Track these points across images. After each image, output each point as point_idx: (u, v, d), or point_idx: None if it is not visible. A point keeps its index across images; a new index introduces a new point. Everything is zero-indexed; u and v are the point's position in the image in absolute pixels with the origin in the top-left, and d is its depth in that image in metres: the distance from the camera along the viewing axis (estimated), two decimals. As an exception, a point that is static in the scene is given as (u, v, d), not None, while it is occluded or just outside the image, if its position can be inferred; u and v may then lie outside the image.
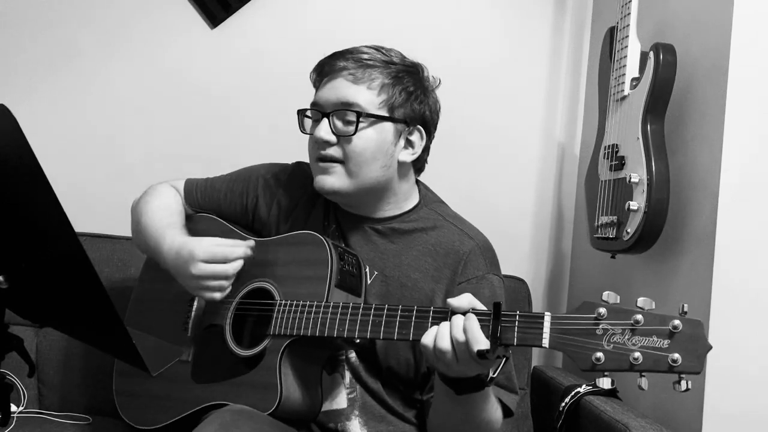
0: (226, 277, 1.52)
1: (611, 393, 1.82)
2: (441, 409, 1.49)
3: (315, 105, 1.59)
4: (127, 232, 1.80)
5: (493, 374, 1.31)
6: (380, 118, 1.54)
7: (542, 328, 1.24)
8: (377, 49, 1.58)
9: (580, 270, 2.37)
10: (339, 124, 1.54)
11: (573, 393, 1.82)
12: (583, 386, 1.83)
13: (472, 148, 2.38)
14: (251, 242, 1.56)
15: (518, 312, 1.27)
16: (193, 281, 1.53)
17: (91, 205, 2.25)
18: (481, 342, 1.25)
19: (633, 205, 1.73)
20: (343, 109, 1.53)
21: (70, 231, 1.08)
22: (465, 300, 1.32)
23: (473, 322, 1.27)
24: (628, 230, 1.76)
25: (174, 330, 1.67)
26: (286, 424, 1.47)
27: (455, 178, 2.29)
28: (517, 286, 2.11)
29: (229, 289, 1.54)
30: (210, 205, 1.76)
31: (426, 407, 1.57)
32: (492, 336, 1.25)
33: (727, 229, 1.65)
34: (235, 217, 1.73)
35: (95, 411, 1.94)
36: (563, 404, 1.82)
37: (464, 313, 1.30)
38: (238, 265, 1.53)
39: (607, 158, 1.89)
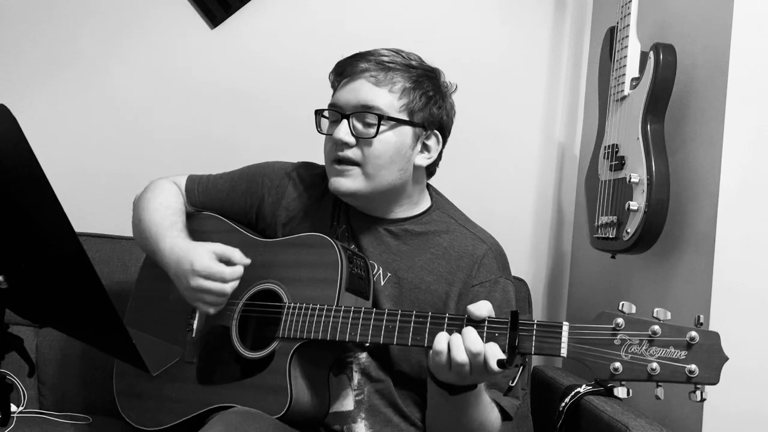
0: (222, 295, 1.53)
1: (611, 393, 1.82)
2: (435, 409, 1.49)
3: (334, 106, 1.58)
4: (127, 232, 1.80)
5: (512, 383, 1.31)
6: (400, 122, 1.54)
7: (560, 338, 1.25)
8: (396, 52, 1.58)
9: (580, 270, 2.37)
10: (359, 126, 1.54)
11: (573, 393, 1.82)
12: (583, 386, 1.83)
13: (472, 148, 2.38)
14: (248, 261, 1.55)
15: (536, 321, 1.28)
16: (191, 293, 1.54)
17: (91, 205, 2.25)
18: (498, 354, 1.26)
19: (633, 205, 1.73)
20: (363, 111, 1.53)
21: (70, 231, 1.08)
22: (484, 309, 1.32)
23: (494, 347, 1.27)
24: (628, 230, 1.76)
25: (177, 331, 1.66)
26: (292, 427, 1.47)
27: (455, 178, 2.28)
28: (517, 286, 2.10)
29: (224, 305, 1.55)
30: (211, 204, 1.75)
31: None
32: (509, 346, 1.26)
33: (727, 229, 1.65)
34: (237, 216, 1.73)
35: (95, 411, 1.94)
36: (563, 404, 1.82)
37: (481, 322, 1.31)
38: (235, 284, 1.53)
39: (607, 158, 1.89)
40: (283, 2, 2.36)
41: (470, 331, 1.29)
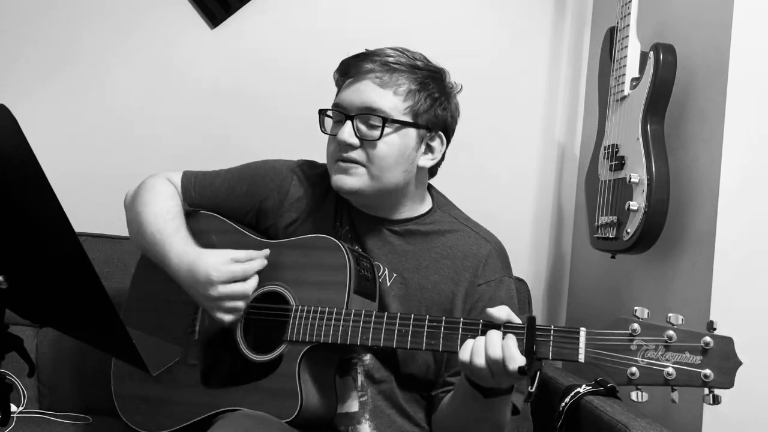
0: (244, 297, 1.52)
1: (611, 393, 1.82)
2: (460, 409, 1.47)
3: (338, 106, 1.57)
4: (127, 232, 1.79)
5: (531, 389, 1.31)
6: (405, 124, 1.53)
7: (578, 344, 1.25)
8: (402, 51, 1.57)
9: (580, 270, 2.37)
10: (363, 127, 1.52)
11: (573, 393, 1.82)
12: (583, 386, 1.83)
13: (472, 148, 2.38)
14: (266, 251, 1.55)
15: (553, 327, 1.28)
16: (211, 303, 1.52)
17: (91, 205, 2.25)
18: (517, 360, 1.25)
19: (633, 205, 1.73)
20: (367, 113, 1.52)
21: (70, 231, 1.08)
22: (503, 312, 1.32)
23: (511, 341, 1.27)
24: (628, 230, 1.76)
25: (178, 332, 1.64)
26: (301, 430, 1.46)
27: (456, 178, 2.28)
28: (517, 286, 2.09)
29: (243, 309, 1.53)
30: (209, 203, 1.72)
31: (435, 403, 1.57)
32: (527, 351, 1.26)
33: (727, 230, 1.65)
34: (236, 215, 1.70)
35: (95, 411, 1.94)
36: (563, 404, 1.82)
37: (499, 326, 1.30)
38: (255, 281, 1.52)
39: (607, 158, 1.89)
40: (283, 2, 2.36)
41: (494, 337, 1.28)
